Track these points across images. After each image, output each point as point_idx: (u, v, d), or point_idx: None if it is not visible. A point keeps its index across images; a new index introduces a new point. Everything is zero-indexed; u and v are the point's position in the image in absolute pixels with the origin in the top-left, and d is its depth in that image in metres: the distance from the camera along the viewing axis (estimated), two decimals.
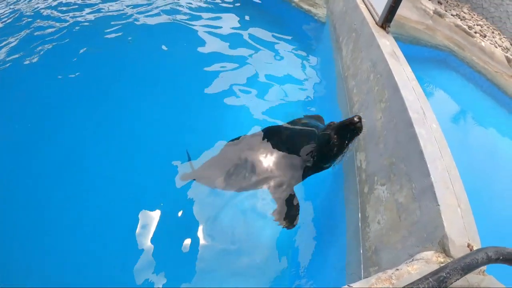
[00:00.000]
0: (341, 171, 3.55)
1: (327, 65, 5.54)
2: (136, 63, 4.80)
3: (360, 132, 2.98)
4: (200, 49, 5.20)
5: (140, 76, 4.56)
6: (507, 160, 7.68)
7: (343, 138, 3.04)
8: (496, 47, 12.23)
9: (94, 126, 3.77)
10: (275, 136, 3.51)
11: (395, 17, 4.25)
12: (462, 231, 2.01)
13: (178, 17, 5.95)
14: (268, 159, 3.34)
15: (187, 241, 2.94)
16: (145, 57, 4.93)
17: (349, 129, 2.97)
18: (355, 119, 2.91)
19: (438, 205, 2.07)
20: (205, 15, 6.23)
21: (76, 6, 5.72)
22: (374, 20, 4.37)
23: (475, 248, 1.99)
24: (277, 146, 3.41)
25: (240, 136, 3.59)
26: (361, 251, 2.70)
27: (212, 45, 5.37)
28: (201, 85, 4.45)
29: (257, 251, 3.01)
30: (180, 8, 6.25)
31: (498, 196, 5.96)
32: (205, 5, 6.60)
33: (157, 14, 5.88)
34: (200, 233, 3.00)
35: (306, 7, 6.71)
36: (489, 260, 1.68)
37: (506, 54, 12.20)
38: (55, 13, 5.42)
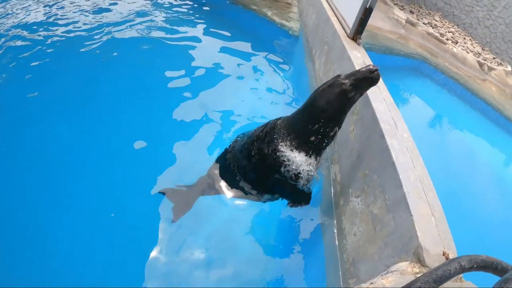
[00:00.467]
0: (319, 183, 3.56)
1: (300, 78, 5.60)
2: (111, 80, 4.75)
3: (377, 83, 2.65)
4: (174, 66, 5.18)
5: (115, 94, 4.50)
6: (482, 162, 7.88)
7: (356, 88, 2.63)
8: (468, 53, 12.59)
9: (68, 145, 3.71)
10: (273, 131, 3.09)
11: (368, 27, 4.32)
12: (436, 239, 2.03)
13: (153, 34, 5.95)
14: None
15: (160, 254, 2.89)
16: (120, 74, 4.89)
17: (365, 79, 2.62)
18: (371, 67, 2.60)
19: (411, 215, 2.09)
20: (180, 30, 6.24)
21: (47, 26, 5.64)
22: (346, 32, 4.44)
23: (450, 256, 2.00)
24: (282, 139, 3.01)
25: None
26: (340, 263, 2.71)
27: (187, 61, 5.36)
28: (175, 102, 4.42)
29: (233, 263, 2.97)
30: (155, 25, 6.24)
31: (476, 197, 6.10)
32: (179, 21, 6.61)
33: (132, 32, 5.85)
34: (173, 246, 2.96)
35: (279, 20, 6.80)
36: (462, 270, 1.69)
37: (478, 59, 12.56)
38: (25, 33, 5.33)
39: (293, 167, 2.89)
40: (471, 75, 11.46)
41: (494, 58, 15.40)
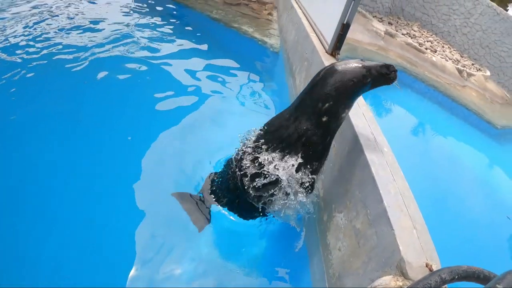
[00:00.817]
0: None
1: (282, 95, 5.67)
2: (93, 103, 4.71)
3: (391, 82, 2.62)
4: (157, 86, 5.20)
5: (97, 116, 4.47)
6: (466, 166, 8.06)
7: (372, 77, 2.56)
8: (447, 60, 12.89)
9: (50, 167, 3.67)
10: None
11: (348, 40, 4.41)
12: (419, 251, 2.07)
13: (136, 54, 5.96)
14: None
15: (141, 272, 2.86)
16: (102, 96, 4.86)
17: (383, 74, 2.58)
18: (391, 67, 2.58)
19: (393, 229, 2.13)
20: (163, 49, 6.29)
21: (27, 48, 5.57)
22: (324, 48, 4.52)
23: (433, 267, 2.04)
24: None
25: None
26: (326, 278, 2.73)
27: (170, 81, 5.40)
28: (158, 122, 4.44)
29: (216, 276, 2.97)
30: (137, 45, 6.27)
31: (461, 201, 6.24)
32: (162, 41, 6.67)
33: (114, 52, 5.86)
34: (155, 263, 2.94)
35: (260, 37, 6.90)
36: (443, 282, 1.71)
37: (457, 66, 12.87)
38: (4, 56, 5.26)
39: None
40: (451, 82, 11.72)
41: (472, 64, 15.80)
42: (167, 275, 2.88)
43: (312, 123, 2.62)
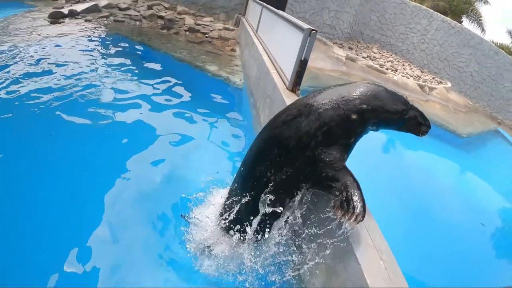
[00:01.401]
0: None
1: (250, 131, 5.79)
2: (61, 156, 4.61)
3: (418, 134, 2.69)
4: (125, 131, 5.19)
5: (66, 170, 4.38)
6: (437, 177, 8.29)
7: (408, 116, 2.59)
8: (408, 78, 13.39)
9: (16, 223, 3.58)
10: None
11: (310, 69, 4.55)
12: (387, 282, 2.14)
13: (103, 99, 5.94)
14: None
15: None
16: (71, 147, 4.79)
17: (418, 122, 2.64)
18: (428, 121, 2.67)
19: (359, 264, 2.20)
20: (129, 91, 6.31)
21: None
22: (285, 84, 4.65)
23: None
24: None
25: None
26: None
27: (138, 123, 5.43)
28: (130, 171, 4.39)
29: None
30: (105, 89, 6.25)
31: (437, 211, 6.43)
32: (128, 83, 6.69)
33: (81, 98, 5.80)
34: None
35: (225, 75, 7.06)
36: None
37: (418, 82, 13.38)
38: None
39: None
40: (414, 98, 12.16)
41: (433, 78, 16.49)
42: None
43: (339, 115, 2.49)
